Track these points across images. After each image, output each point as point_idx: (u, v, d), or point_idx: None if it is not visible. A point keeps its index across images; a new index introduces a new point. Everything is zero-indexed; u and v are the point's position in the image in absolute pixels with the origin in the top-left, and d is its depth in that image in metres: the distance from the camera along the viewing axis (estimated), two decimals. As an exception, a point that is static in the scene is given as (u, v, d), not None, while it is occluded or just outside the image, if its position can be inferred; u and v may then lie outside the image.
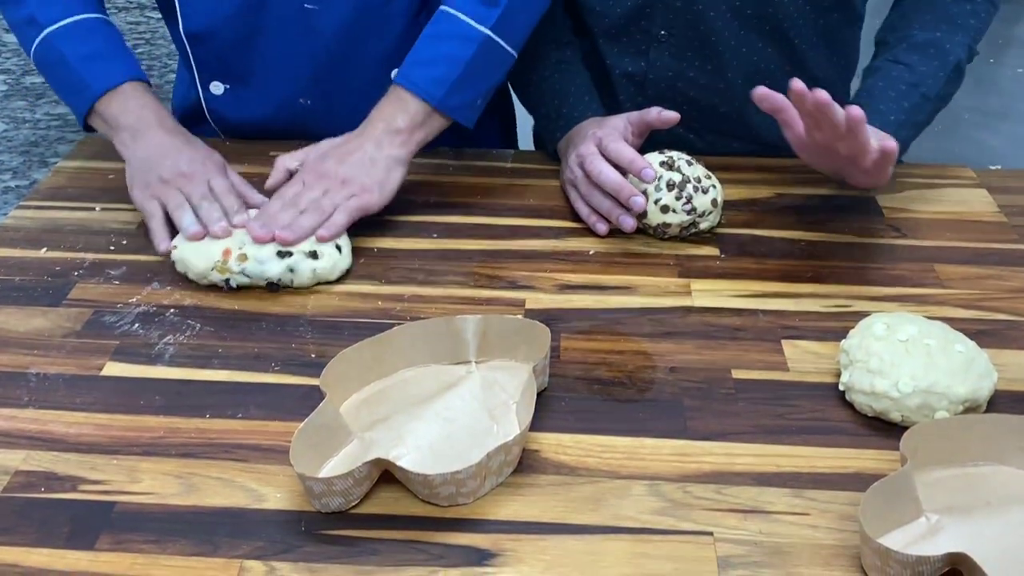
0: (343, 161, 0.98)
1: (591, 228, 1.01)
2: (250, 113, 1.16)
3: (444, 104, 1.00)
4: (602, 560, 0.66)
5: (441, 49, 1.02)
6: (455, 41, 1.01)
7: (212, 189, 0.97)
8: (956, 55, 1.05)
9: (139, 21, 1.70)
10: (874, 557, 0.63)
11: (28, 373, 0.82)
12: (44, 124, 1.76)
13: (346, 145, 1.00)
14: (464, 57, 1.00)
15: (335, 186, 0.97)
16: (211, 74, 1.14)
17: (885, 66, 1.05)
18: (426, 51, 1.02)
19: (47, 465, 0.73)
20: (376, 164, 0.98)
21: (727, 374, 0.82)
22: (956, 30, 1.05)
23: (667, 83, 1.15)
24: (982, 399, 0.77)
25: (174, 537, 0.67)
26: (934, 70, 1.04)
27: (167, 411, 0.78)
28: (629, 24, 1.13)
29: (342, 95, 1.14)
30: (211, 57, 1.13)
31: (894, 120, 1.01)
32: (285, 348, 0.85)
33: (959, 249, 0.99)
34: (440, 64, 1.01)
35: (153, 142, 1.00)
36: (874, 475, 0.71)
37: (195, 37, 1.11)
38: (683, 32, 1.11)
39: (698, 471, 0.73)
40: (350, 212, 0.96)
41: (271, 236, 0.92)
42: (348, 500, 0.69)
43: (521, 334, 0.81)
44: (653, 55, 1.14)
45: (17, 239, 1.00)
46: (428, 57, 1.02)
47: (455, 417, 0.76)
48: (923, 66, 1.04)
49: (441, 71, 1.00)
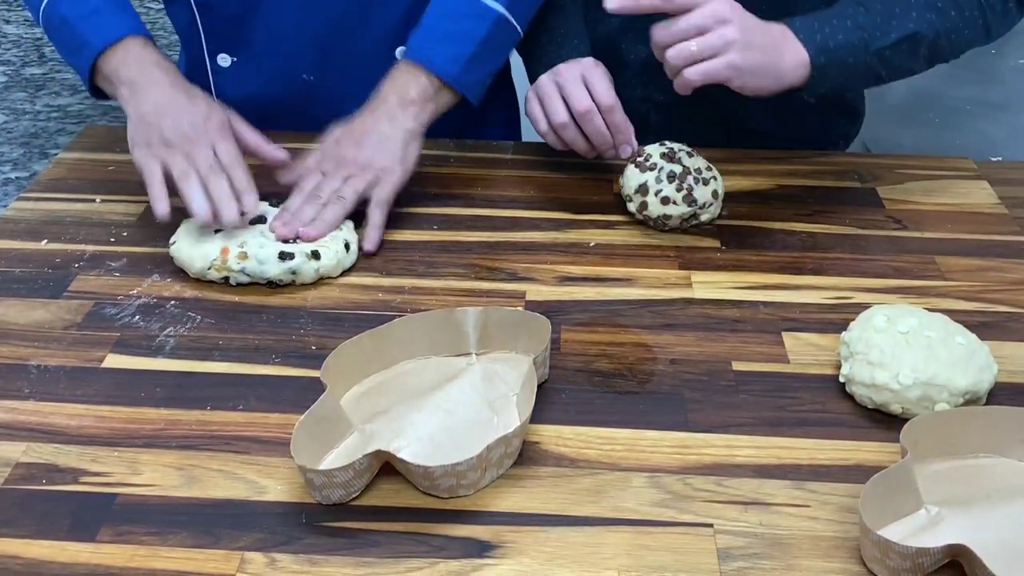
0: (360, 144, 0.98)
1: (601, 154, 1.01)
2: (255, 88, 1.16)
3: (459, 81, 1.01)
4: (602, 552, 0.66)
5: (455, 26, 1.02)
6: (469, 19, 1.01)
7: (218, 157, 0.95)
8: (917, 26, 0.97)
9: (140, 11, 1.70)
10: (874, 549, 0.63)
11: (29, 365, 0.82)
12: (44, 115, 1.76)
13: (360, 125, 0.99)
14: (479, 35, 1.01)
15: (356, 172, 0.97)
16: (218, 45, 1.14)
17: (847, 2, 0.98)
18: (439, 28, 1.02)
19: (48, 457, 0.73)
20: (393, 141, 0.98)
21: (727, 366, 0.82)
22: (931, 7, 0.98)
23: None
24: (983, 391, 0.77)
25: (175, 529, 0.67)
26: (888, 28, 0.96)
27: (168, 403, 0.78)
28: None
29: (345, 72, 1.14)
30: (220, 25, 1.12)
31: (819, 40, 0.94)
32: (286, 340, 0.85)
33: (960, 241, 0.99)
34: (455, 41, 1.01)
35: (152, 97, 0.98)
36: (874, 467, 0.71)
37: (205, 5, 1.11)
38: None
39: (698, 463, 0.73)
40: (381, 205, 0.96)
41: (295, 233, 0.92)
42: (349, 492, 0.69)
43: (521, 326, 0.81)
44: None
45: (17, 231, 1.00)
46: (442, 34, 1.02)
47: (455, 409, 0.76)
48: (879, 16, 0.96)
49: (456, 48, 1.01)
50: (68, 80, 1.74)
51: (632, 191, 0.99)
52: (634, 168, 1.00)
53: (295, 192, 0.97)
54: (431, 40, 1.02)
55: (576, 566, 0.65)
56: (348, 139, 0.99)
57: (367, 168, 0.97)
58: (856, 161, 1.14)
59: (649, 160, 0.99)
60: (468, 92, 1.02)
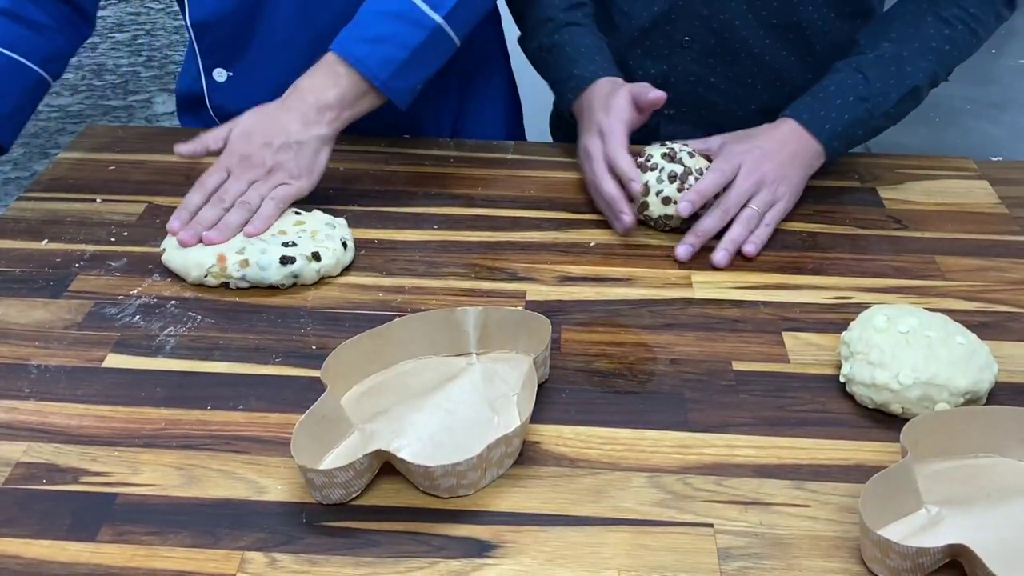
0: (269, 145, 0.95)
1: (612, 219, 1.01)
2: (250, 101, 1.16)
3: (387, 86, 0.98)
4: (602, 552, 0.66)
5: (390, 29, 0.98)
6: (406, 24, 0.98)
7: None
8: (915, 79, 1.03)
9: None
10: (874, 549, 0.63)
11: (29, 365, 0.82)
12: (44, 115, 1.76)
13: (272, 123, 0.96)
14: (413, 43, 0.98)
15: (261, 175, 0.95)
16: (215, 61, 1.14)
17: (845, 70, 1.04)
18: (373, 28, 0.99)
19: (48, 457, 0.73)
20: (304, 148, 0.96)
21: (728, 366, 0.82)
22: (926, 52, 1.03)
23: (688, 87, 1.16)
24: (983, 391, 0.77)
25: (175, 529, 0.67)
26: (888, 89, 1.02)
27: (168, 403, 0.78)
28: (654, 28, 1.14)
29: None
30: (215, 45, 1.12)
31: (829, 129, 1.01)
32: (286, 340, 0.85)
33: (960, 241, 0.99)
34: (388, 44, 0.98)
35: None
36: (874, 467, 0.71)
37: (200, 25, 1.11)
38: (706, 39, 1.13)
39: (698, 463, 0.73)
40: (279, 203, 0.94)
41: (198, 240, 0.91)
42: (349, 492, 0.69)
43: (522, 326, 0.81)
44: (676, 59, 1.15)
45: (18, 230, 1.00)
46: (375, 35, 0.98)
47: (456, 409, 0.76)
48: (879, 82, 1.02)
49: (388, 51, 0.97)
50: (68, 80, 1.74)
51: None
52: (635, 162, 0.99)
53: (196, 185, 0.95)
54: (364, 40, 0.98)
55: (576, 566, 0.65)
56: (258, 136, 0.96)
57: (274, 171, 0.95)
58: (856, 161, 1.14)
59: (650, 161, 0.99)
60: (396, 98, 0.99)
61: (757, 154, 0.98)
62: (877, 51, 1.04)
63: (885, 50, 1.04)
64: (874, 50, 1.04)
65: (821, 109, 1.02)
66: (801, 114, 1.02)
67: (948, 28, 1.04)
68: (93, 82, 2.60)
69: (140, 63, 2.83)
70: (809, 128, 1.01)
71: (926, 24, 1.04)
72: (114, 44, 2.93)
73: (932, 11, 1.05)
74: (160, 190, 1.06)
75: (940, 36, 1.04)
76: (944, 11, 1.04)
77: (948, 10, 1.04)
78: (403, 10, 0.98)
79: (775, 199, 0.98)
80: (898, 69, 1.03)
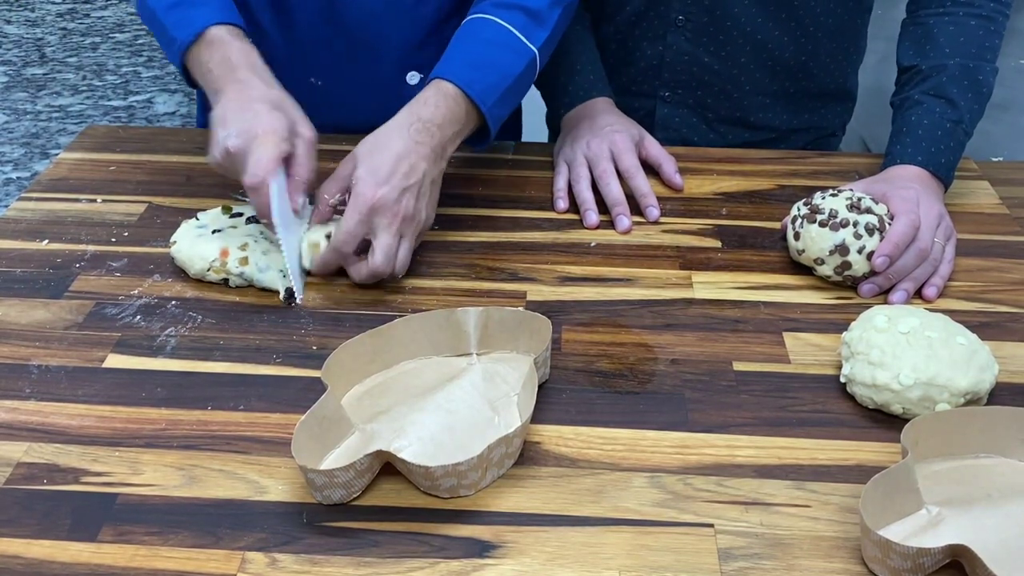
0: (408, 190, 0.90)
1: (582, 216, 1.02)
2: None
3: (491, 113, 0.97)
4: (603, 552, 0.66)
5: (495, 57, 0.98)
6: (508, 53, 0.98)
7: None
8: (989, 84, 1.04)
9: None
10: (875, 549, 0.63)
11: (30, 365, 0.82)
12: (45, 116, 1.76)
13: (405, 162, 0.90)
14: (515, 71, 0.98)
15: (408, 225, 0.90)
16: None
17: (927, 101, 1.02)
18: (480, 55, 0.98)
19: (49, 457, 0.73)
20: (436, 185, 0.94)
21: (728, 366, 0.82)
22: (984, 53, 1.04)
23: (683, 67, 1.17)
24: (983, 391, 0.77)
25: (176, 529, 0.67)
26: (972, 104, 1.02)
27: (169, 403, 0.78)
28: (648, 9, 1.15)
29: (353, 85, 1.14)
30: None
31: (945, 163, 1.00)
32: (286, 340, 0.85)
33: (961, 241, 0.99)
34: (494, 72, 0.97)
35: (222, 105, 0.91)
36: (875, 467, 0.71)
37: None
38: (700, 18, 1.14)
39: (699, 463, 0.73)
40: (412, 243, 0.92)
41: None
42: (350, 492, 0.69)
43: (522, 326, 0.81)
44: (670, 39, 1.16)
45: (18, 231, 1.00)
46: (483, 61, 0.98)
47: (456, 409, 0.76)
48: (962, 100, 1.02)
49: (494, 79, 0.97)
50: (69, 80, 1.75)
51: (825, 253, 0.90)
52: (819, 228, 0.90)
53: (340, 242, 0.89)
54: (472, 66, 0.96)
55: (577, 566, 0.65)
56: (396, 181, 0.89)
57: (415, 217, 0.91)
58: (856, 161, 1.14)
59: (838, 216, 0.91)
60: (494, 126, 0.98)
61: (914, 195, 0.95)
62: (945, 72, 1.03)
63: (951, 68, 1.03)
64: (941, 71, 1.03)
65: (929, 145, 1.00)
66: (915, 157, 1.00)
67: (990, 23, 1.05)
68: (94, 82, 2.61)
69: (141, 63, 2.84)
70: (928, 168, 0.99)
71: (971, 28, 1.04)
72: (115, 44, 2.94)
73: (969, 12, 1.05)
74: (161, 190, 1.06)
75: (988, 33, 1.05)
76: (980, 8, 1.05)
77: (984, 5, 1.05)
78: (503, 38, 0.98)
79: (951, 233, 0.96)
80: (972, 82, 1.02)
